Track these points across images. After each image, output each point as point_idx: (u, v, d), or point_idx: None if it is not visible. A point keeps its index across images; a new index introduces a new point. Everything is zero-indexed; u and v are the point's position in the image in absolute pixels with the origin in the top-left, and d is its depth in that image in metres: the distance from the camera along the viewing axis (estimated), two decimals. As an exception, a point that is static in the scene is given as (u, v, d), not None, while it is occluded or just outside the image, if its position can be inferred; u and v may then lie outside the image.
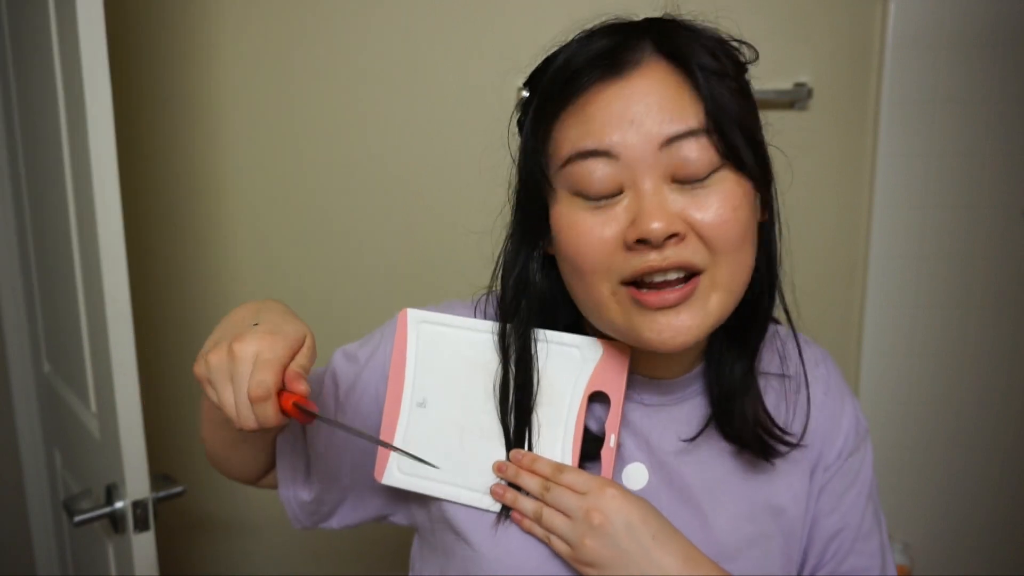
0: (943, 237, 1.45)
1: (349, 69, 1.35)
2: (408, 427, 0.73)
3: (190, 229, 1.41)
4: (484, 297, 0.76)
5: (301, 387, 0.59)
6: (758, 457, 0.71)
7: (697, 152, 0.60)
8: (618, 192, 0.61)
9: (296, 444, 0.77)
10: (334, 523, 0.80)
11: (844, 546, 0.74)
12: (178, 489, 1.07)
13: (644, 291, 0.61)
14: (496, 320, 0.72)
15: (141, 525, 1.01)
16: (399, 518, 0.80)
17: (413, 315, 0.74)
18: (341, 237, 1.41)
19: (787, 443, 0.71)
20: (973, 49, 1.38)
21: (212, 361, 0.58)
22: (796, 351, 0.75)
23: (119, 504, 1.03)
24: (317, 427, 0.76)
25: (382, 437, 0.73)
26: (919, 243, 1.45)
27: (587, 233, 0.61)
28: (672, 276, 0.61)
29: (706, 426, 0.71)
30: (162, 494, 1.05)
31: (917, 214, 1.44)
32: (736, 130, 0.61)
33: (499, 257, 0.73)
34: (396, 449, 0.69)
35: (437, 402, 0.73)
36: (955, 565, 1.56)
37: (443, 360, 0.73)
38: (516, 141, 0.71)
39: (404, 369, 0.73)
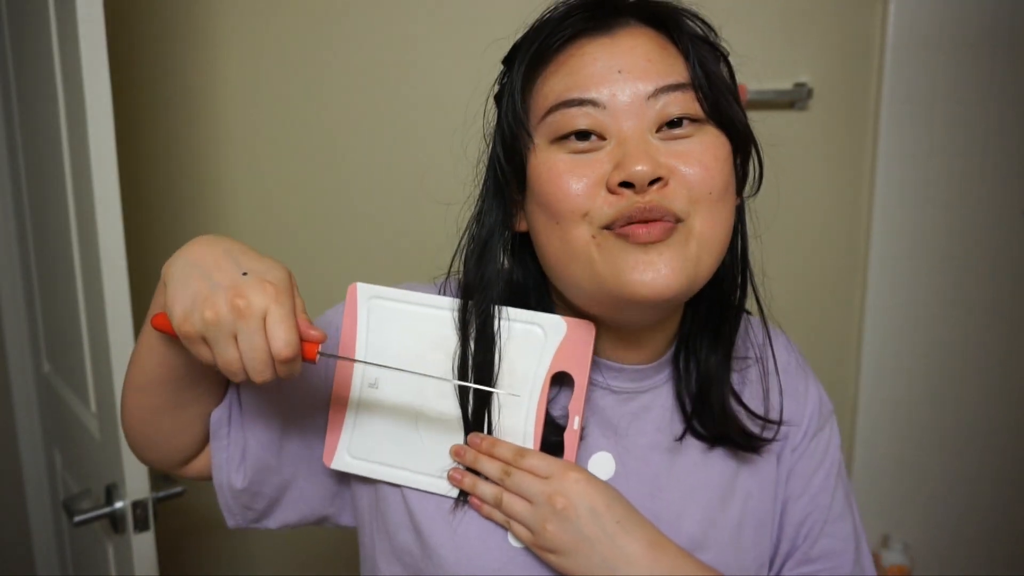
0: (943, 237, 1.45)
1: (349, 69, 1.35)
2: (359, 410, 0.69)
3: (190, 229, 1.41)
4: (445, 281, 0.73)
5: (318, 334, 0.57)
6: (741, 449, 0.70)
7: (683, 106, 0.61)
8: (601, 139, 0.61)
9: (233, 425, 0.71)
10: (272, 523, 0.74)
11: (815, 528, 0.73)
12: (178, 489, 1.07)
13: (630, 226, 0.59)
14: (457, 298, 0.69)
15: (141, 525, 1.01)
16: (345, 518, 0.76)
17: (363, 289, 0.69)
18: (343, 237, 1.41)
19: (766, 435, 0.70)
20: (973, 49, 1.38)
21: (210, 317, 0.53)
22: (760, 336, 0.75)
23: (119, 504, 1.03)
24: (258, 413, 0.71)
25: (330, 423, 0.69)
26: (919, 243, 1.45)
27: (567, 173, 0.61)
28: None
29: (684, 419, 0.70)
30: (162, 494, 1.05)
31: (917, 214, 1.44)
32: (721, 89, 0.62)
33: (463, 235, 0.71)
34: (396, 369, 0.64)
35: (390, 383, 0.68)
36: (955, 565, 1.56)
37: (397, 338, 0.68)
38: (490, 122, 0.70)
39: (354, 348, 0.68)
